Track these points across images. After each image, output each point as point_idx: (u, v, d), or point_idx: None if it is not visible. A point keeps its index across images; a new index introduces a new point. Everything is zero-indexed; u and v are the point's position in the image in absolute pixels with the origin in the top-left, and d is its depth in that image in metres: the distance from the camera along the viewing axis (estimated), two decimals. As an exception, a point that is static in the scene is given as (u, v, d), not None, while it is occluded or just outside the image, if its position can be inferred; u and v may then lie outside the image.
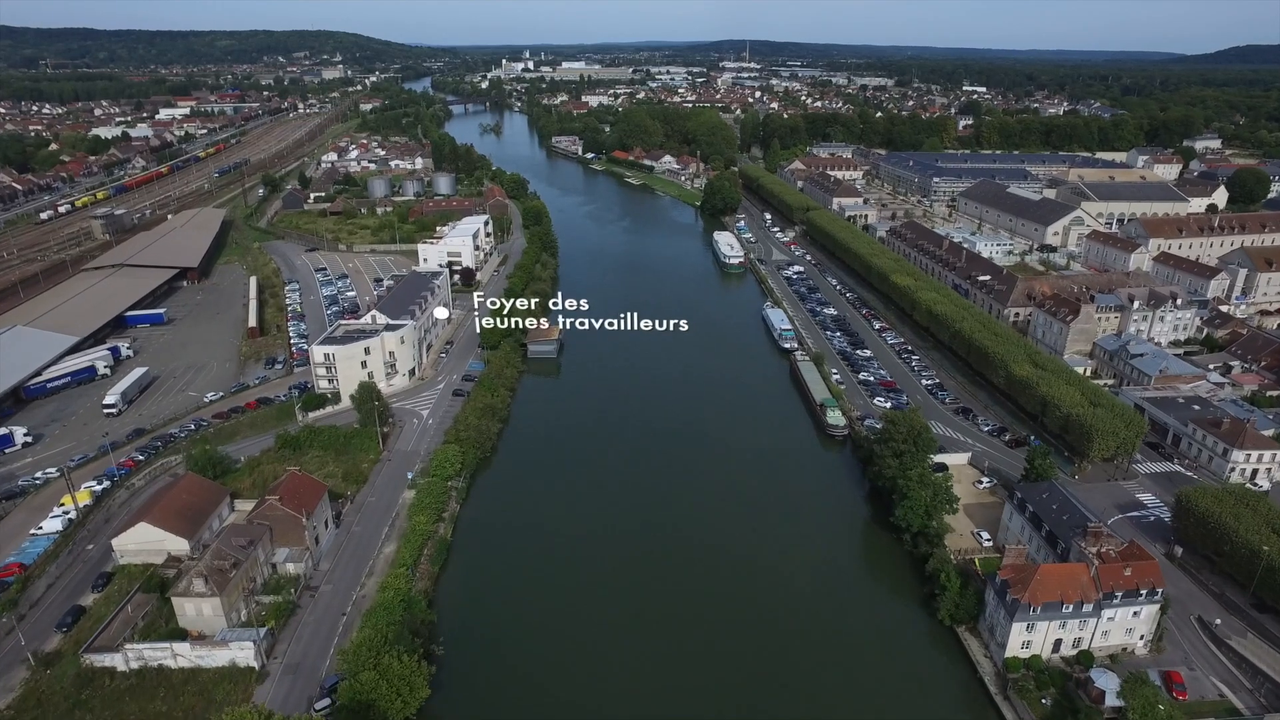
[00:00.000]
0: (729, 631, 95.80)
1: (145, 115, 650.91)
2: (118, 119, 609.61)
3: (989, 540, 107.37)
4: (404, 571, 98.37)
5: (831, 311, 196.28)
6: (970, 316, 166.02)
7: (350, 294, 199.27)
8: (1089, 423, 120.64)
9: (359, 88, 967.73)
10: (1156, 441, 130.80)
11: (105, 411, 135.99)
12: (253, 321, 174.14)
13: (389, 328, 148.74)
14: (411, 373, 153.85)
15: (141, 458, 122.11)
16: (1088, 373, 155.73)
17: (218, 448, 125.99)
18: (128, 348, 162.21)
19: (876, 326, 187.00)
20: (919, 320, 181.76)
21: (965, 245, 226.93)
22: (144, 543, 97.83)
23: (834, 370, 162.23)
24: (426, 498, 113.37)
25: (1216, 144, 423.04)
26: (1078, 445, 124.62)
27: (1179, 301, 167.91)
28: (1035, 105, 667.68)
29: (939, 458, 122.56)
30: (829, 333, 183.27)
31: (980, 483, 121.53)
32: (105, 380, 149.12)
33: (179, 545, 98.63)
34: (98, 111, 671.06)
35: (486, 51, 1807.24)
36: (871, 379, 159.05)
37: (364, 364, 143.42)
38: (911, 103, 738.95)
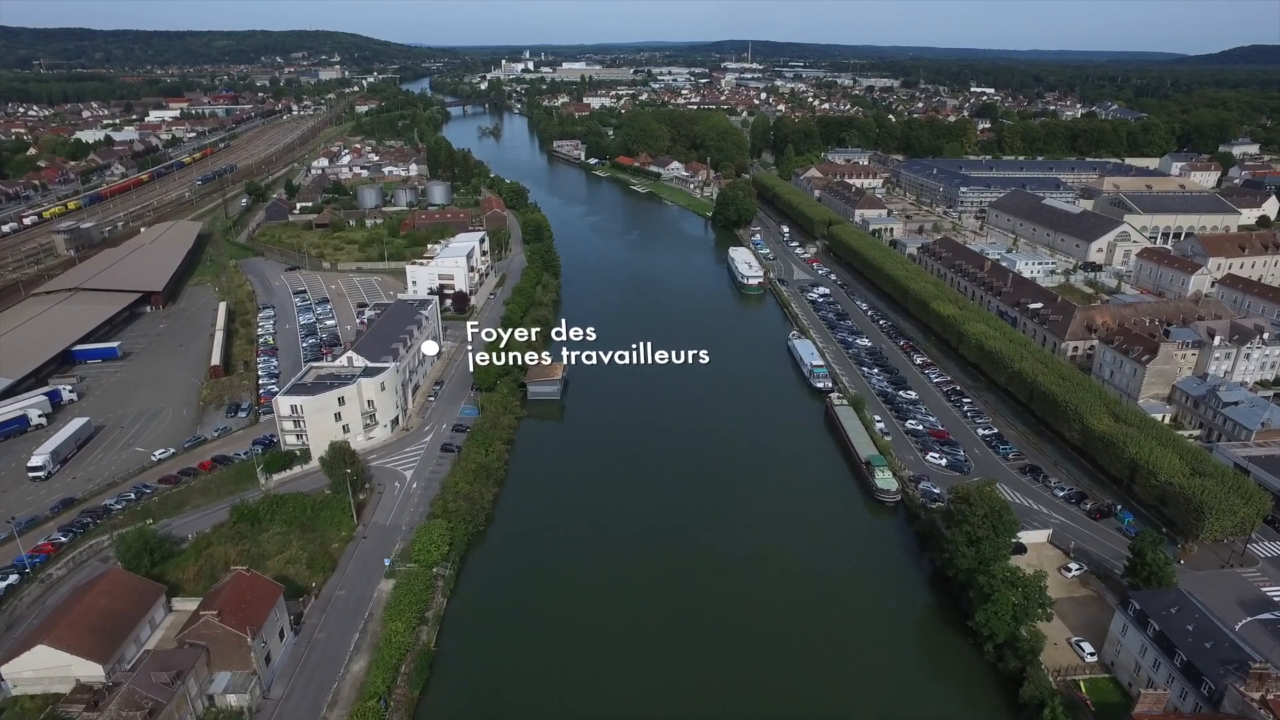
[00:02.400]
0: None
1: (135, 117, 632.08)
2: (105, 121, 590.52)
3: (1093, 654, 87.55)
4: (374, 705, 78.77)
5: (865, 343, 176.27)
6: (1029, 355, 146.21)
7: (330, 322, 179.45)
8: (1198, 498, 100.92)
9: (355, 89, 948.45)
10: (1270, 515, 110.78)
11: (31, 475, 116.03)
12: (217, 358, 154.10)
13: (367, 372, 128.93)
14: (394, 422, 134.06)
15: (64, 539, 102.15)
16: (1166, 420, 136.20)
17: (161, 522, 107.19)
18: (70, 391, 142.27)
19: (918, 362, 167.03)
20: (967, 356, 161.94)
21: (1005, 264, 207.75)
22: (44, 669, 78.03)
23: (876, 416, 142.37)
24: (406, 595, 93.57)
25: (1254, 149, 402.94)
26: (1182, 523, 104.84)
27: (1266, 336, 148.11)
28: (1051, 108, 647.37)
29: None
30: (865, 369, 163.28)
31: (1068, 570, 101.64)
32: (40, 432, 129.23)
33: (91, 670, 78.86)
34: (86, 114, 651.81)
35: (486, 52, 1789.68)
36: (920, 428, 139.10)
37: (338, 416, 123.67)
38: (920, 104, 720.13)
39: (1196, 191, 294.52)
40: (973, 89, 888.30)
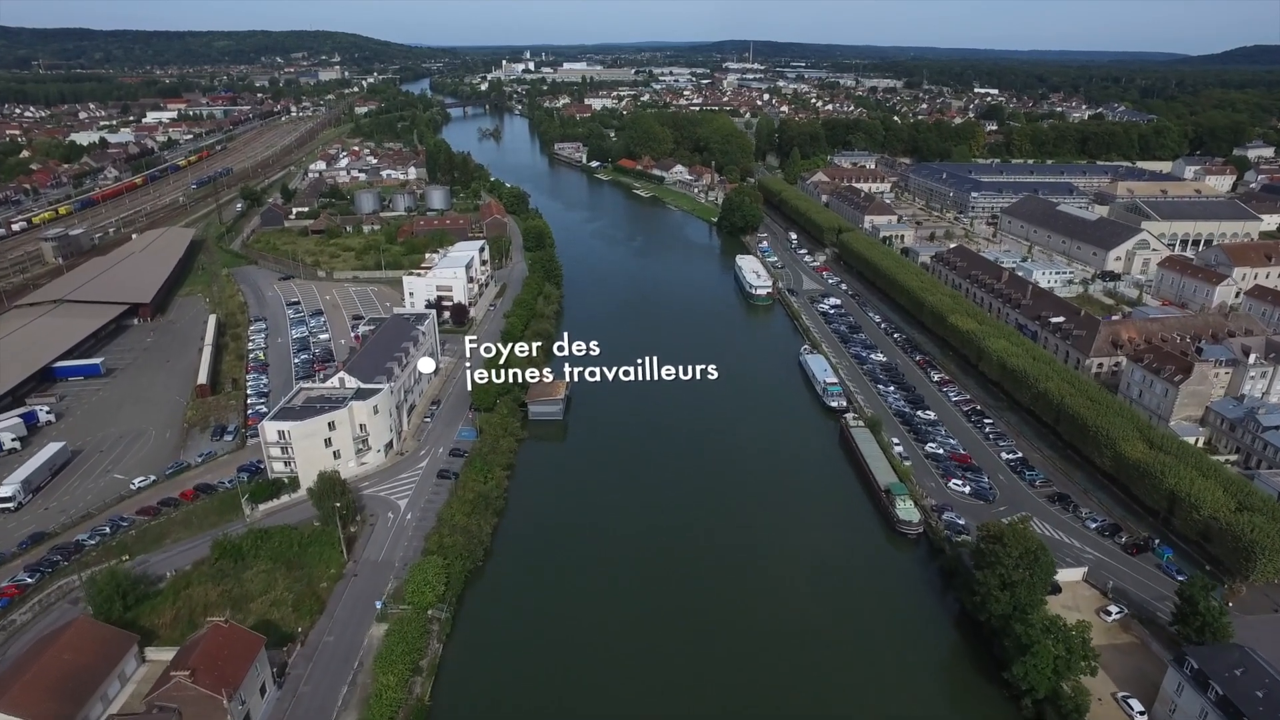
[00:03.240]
0: None
1: (132, 119, 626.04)
2: (101, 123, 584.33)
3: (1142, 713, 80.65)
4: (361, 772, 72.17)
5: (880, 358, 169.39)
6: (1054, 374, 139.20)
7: (324, 336, 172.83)
8: (1248, 536, 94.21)
9: (355, 89, 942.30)
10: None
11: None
12: (203, 377, 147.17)
13: (359, 394, 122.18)
14: (388, 447, 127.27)
15: (30, 580, 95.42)
16: (1199, 443, 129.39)
17: (138, 559, 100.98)
18: (48, 411, 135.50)
19: (935, 379, 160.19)
20: (987, 373, 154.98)
21: (1021, 273, 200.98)
22: (0, 737, 71.36)
23: (894, 439, 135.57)
24: (398, 643, 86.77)
25: (1268, 152, 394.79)
26: (1229, 562, 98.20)
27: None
28: (1059, 109, 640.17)
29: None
30: (881, 386, 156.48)
31: (1107, 613, 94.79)
32: (12, 457, 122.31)
33: (52, 737, 72.15)
34: (82, 115, 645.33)
35: (486, 52, 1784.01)
36: (941, 452, 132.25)
37: (328, 442, 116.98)
38: (924, 105, 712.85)
39: (1214, 197, 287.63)
40: (976, 90, 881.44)
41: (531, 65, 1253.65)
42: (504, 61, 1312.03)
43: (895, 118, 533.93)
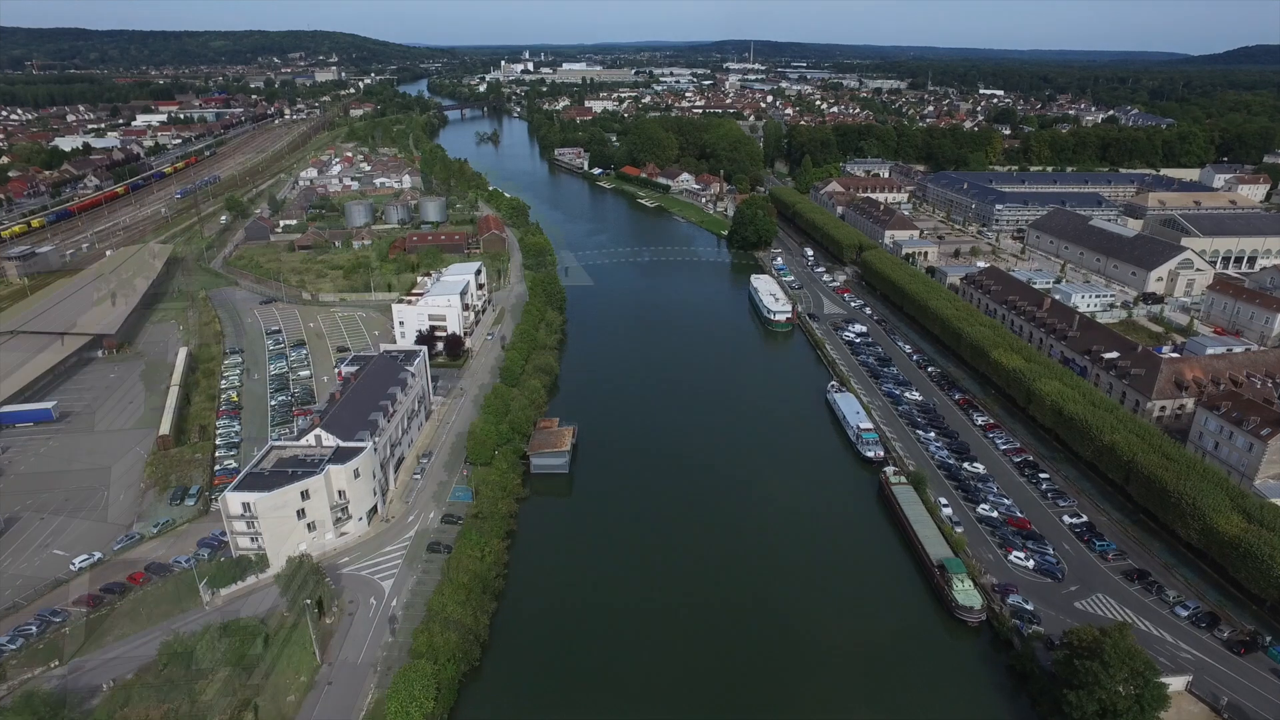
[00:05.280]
0: None
1: (121, 121, 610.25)
2: (89, 126, 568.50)
3: None
4: None
5: (915, 396, 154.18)
6: (1120, 424, 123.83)
7: (305, 373, 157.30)
8: (1388, 646, 79.13)
9: (351, 91, 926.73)
10: None
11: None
12: (167, 425, 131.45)
13: (338, 455, 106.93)
14: (372, 513, 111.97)
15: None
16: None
17: (70, 664, 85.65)
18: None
19: (979, 422, 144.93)
20: (1038, 418, 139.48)
21: (1058, 297, 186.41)
22: None
23: (941, 498, 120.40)
24: (373, 786, 71.75)
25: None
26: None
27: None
28: (1070, 112, 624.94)
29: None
30: (920, 432, 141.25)
31: (1223, 738, 79.77)
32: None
33: None
34: (70, 118, 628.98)
35: (485, 52, 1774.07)
36: (996, 515, 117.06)
37: (301, 513, 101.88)
38: (931, 108, 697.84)
39: (1254, 209, 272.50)
40: (981, 91, 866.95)
41: (530, 66, 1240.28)
42: (503, 62, 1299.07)
43: (904, 121, 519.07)
